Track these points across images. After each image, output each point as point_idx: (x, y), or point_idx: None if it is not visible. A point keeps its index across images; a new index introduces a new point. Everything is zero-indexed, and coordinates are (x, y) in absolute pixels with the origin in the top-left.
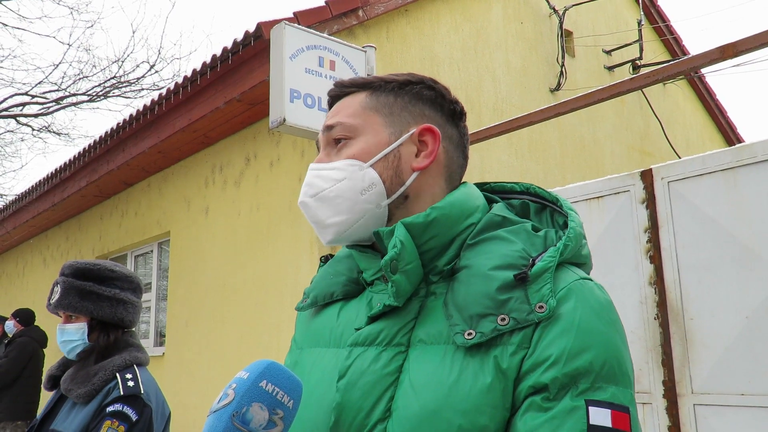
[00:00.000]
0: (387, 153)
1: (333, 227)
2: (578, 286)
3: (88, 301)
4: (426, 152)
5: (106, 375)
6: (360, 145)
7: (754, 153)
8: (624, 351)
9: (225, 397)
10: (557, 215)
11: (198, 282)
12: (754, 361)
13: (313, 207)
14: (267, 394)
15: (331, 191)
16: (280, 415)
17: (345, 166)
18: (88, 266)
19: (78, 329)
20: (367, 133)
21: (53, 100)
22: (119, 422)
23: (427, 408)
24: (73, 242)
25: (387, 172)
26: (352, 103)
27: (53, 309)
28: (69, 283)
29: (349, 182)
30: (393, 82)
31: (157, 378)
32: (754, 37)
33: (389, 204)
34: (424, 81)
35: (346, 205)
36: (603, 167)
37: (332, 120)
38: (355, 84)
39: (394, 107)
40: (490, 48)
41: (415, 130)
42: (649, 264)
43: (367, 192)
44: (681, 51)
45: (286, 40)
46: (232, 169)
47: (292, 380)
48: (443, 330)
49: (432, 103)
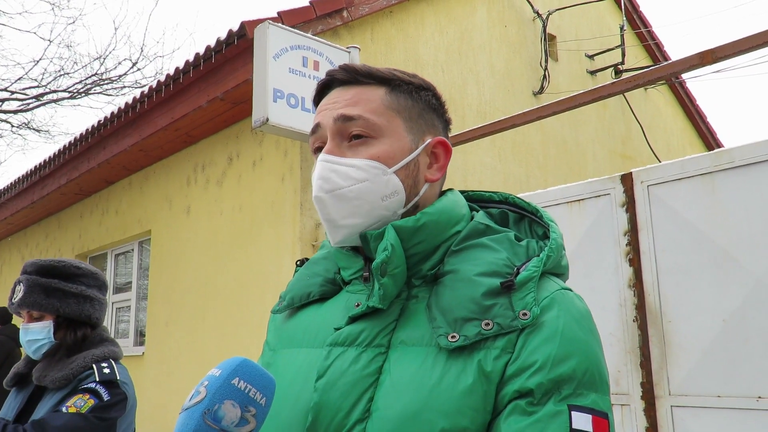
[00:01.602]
0: (409, 161)
1: (346, 229)
2: (560, 295)
3: (53, 299)
4: (438, 165)
5: (85, 362)
6: (384, 148)
7: (732, 158)
8: (602, 359)
9: (197, 394)
10: (536, 225)
11: (179, 281)
12: (731, 364)
13: (329, 204)
14: (239, 392)
15: (351, 191)
16: (252, 413)
17: (367, 167)
18: (52, 263)
19: (43, 328)
20: (391, 135)
21: (33, 97)
22: (90, 396)
23: (409, 409)
24: (52, 240)
25: (408, 181)
26: (373, 97)
27: (16, 308)
28: (33, 281)
29: (371, 185)
30: (410, 83)
31: (136, 378)
32: (732, 44)
33: (403, 213)
34: (431, 88)
35: (365, 209)
36: (585, 170)
37: (352, 111)
38: (372, 75)
39: (412, 112)
40: (474, 51)
41: (430, 140)
42: (628, 267)
43: (389, 199)
44: (662, 56)
45: (269, 40)
46: (215, 169)
47: (265, 377)
48: (425, 333)
49: (437, 113)
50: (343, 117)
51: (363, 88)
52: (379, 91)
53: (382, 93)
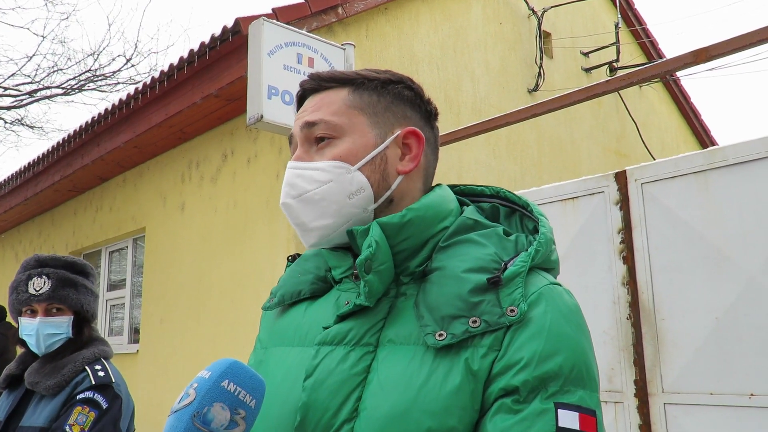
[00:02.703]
0: (374, 156)
1: (317, 231)
2: (548, 290)
3: (81, 294)
4: (410, 156)
5: (76, 367)
6: (346, 146)
7: (725, 156)
8: (591, 355)
9: (186, 396)
10: (527, 220)
11: (173, 279)
12: (723, 361)
13: (297, 209)
14: (229, 394)
15: (317, 193)
16: (242, 415)
17: (331, 168)
18: (75, 261)
19: (63, 322)
20: (352, 133)
21: (26, 93)
22: (90, 408)
23: (397, 408)
24: (46, 237)
25: (374, 176)
26: (335, 99)
27: (42, 300)
28: (62, 275)
29: (336, 185)
30: (375, 80)
31: (130, 375)
32: (726, 42)
33: (375, 208)
34: (403, 80)
35: (333, 209)
36: (579, 168)
37: (314, 116)
38: (335, 79)
39: (377, 107)
40: (470, 48)
41: (399, 132)
42: (622, 265)
43: (355, 196)
44: (657, 54)
45: (264, 36)
46: (209, 166)
47: (255, 379)
48: (413, 331)
49: (411, 104)
50: (306, 124)
51: (327, 93)
52: (341, 92)
53: (344, 94)
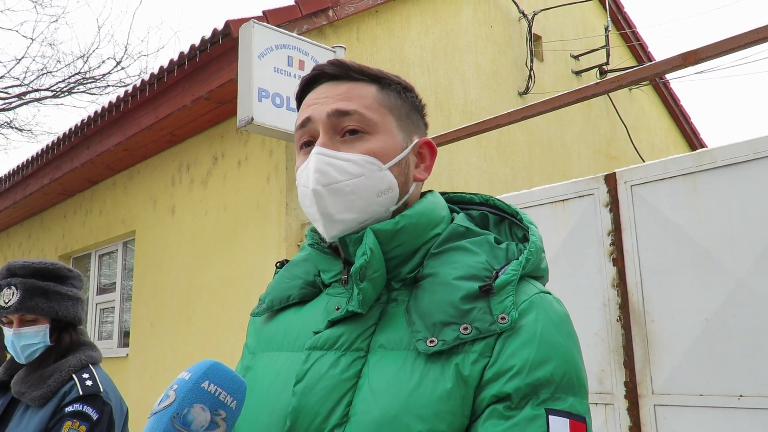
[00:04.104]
0: (401, 158)
1: (342, 224)
2: (539, 299)
3: (53, 302)
4: (425, 165)
5: (62, 376)
6: (379, 144)
7: (713, 158)
8: (581, 363)
9: (166, 398)
10: (516, 228)
11: (163, 282)
12: (713, 363)
13: (327, 198)
14: (209, 395)
15: (348, 185)
16: (222, 416)
17: (363, 162)
18: (46, 266)
19: (38, 332)
20: (385, 132)
21: (15, 96)
22: (80, 422)
23: (387, 413)
24: (35, 241)
25: (401, 178)
26: (366, 94)
27: (10, 312)
28: (31, 284)
29: (368, 180)
30: (398, 83)
31: (120, 379)
32: (714, 45)
33: (394, 210)
34: (414, 90)
35: (361, 204)
36: (570, 170)
37: (348, 106)
38: (364, 72)
39: (401, 111)
40: (460, 51)
41: (417, 140)
42: (612, 267)
43: (383, 195)
44: (647, 57)
45: (254, 39)
46: (200, 168)
47: (236, 381)
48: (404, 336)
49: (420, 114)
50: (337, 112)
51: (355, 84)
52: (371, 88)
53: (374, 90)
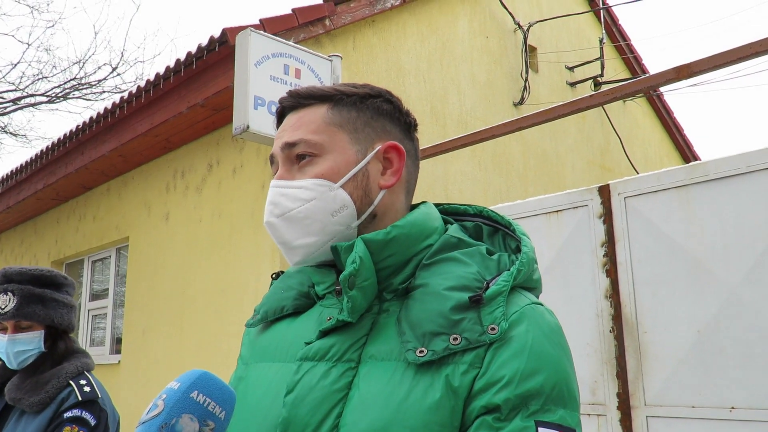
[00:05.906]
0: (356, 172)
1: (301, 249)
2: (530, 310)
3: (50, 309)
4: (392, 170)
5: (60, 383)
6: (327, 164)
7: (706, 171)
8: (572, 374)
9: (154, 408)
10: (509, 239)
11: (157, 289)
12: (705, 374)
13: (280, 227)
14: (198, 405)
15: (300, 212)
16: (211, 427)
17: (313, 186)
18: (42, 273)
19: (33, 338)
20: (333, 151)
21: (10, 101)
22: (79, 427)
23: (376, 424)
24: (28, 246)
25: (357, 192)
26: (314, 118)
27: (7, 318)
28: (28, 291)
29: (320, 203)
30: (353, 95)
31: (112, 386)
32: (707, 59)
33: (359, 224)
34: (382, 94)
35: (317, 227)
36: (564, 181)
37: (293, 136)
38: (313, 96)
39: (357, 123)
40: (456, 61)
41: (380, 147)
42: (605, 278)
43: (339, 213)
44: (641, 69)
45: (251, 47)
46: (194, 175)
47: (225, 391)
48: (395, 347)
49: (391, 117)
50: (286, 144)
51: (306, 110)
52: (320, 109)
53: (323, 111)
